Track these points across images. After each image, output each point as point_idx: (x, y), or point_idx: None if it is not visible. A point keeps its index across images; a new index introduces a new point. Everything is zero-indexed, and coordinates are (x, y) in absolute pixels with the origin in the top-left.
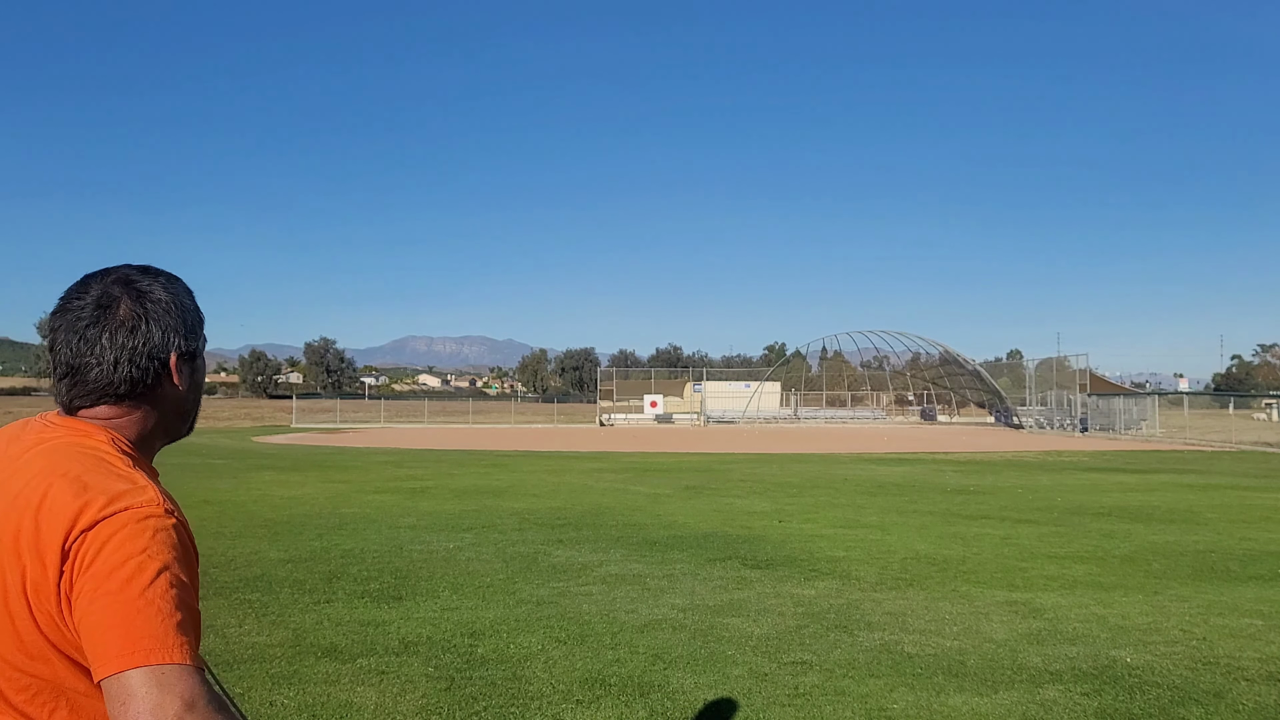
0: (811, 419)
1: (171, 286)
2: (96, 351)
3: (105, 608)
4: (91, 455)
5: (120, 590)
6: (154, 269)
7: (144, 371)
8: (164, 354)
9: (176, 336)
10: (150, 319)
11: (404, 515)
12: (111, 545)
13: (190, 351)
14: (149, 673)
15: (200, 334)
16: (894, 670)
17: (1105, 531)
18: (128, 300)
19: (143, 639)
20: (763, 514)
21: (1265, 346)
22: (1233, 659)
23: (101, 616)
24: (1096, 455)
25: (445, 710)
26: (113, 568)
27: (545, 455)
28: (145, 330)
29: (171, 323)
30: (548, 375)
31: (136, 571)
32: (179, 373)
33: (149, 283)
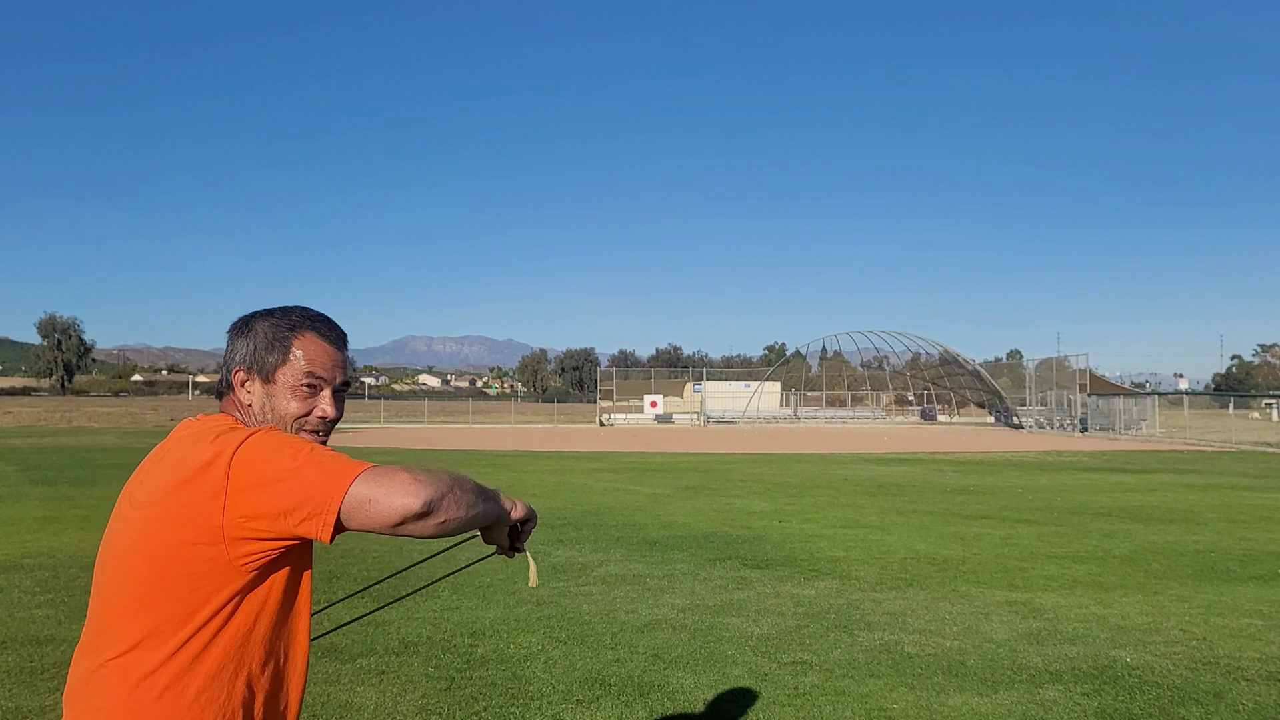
0: (811, 419)
1: (276, 316)
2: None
3: (292, 482)
4: (223, 426)
5: (290, 467)
6: (294, 307)
7: (224, 378)
8: (231, 366)
9: (246, 355)
10: (239, 336)
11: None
12: (258, 454)
13: (258, 371)
14: (361, 480)
15: (263, 357)
16: (894, 670)
17: (1105, 531)
18: (247, 323)
19: (335, 472)
20: (763, 514)
21: (1265, 346)
22: (1233, 659)
23: (293, 486)
24: (1096, 455)
25: (445, 710)
26: (269, 463)
27: (545, 455)
28: (233, 346)
29: (248, 343)
30: (548, 375)
31: (290, 452)
32: (243, 386)
33: (273, 314)
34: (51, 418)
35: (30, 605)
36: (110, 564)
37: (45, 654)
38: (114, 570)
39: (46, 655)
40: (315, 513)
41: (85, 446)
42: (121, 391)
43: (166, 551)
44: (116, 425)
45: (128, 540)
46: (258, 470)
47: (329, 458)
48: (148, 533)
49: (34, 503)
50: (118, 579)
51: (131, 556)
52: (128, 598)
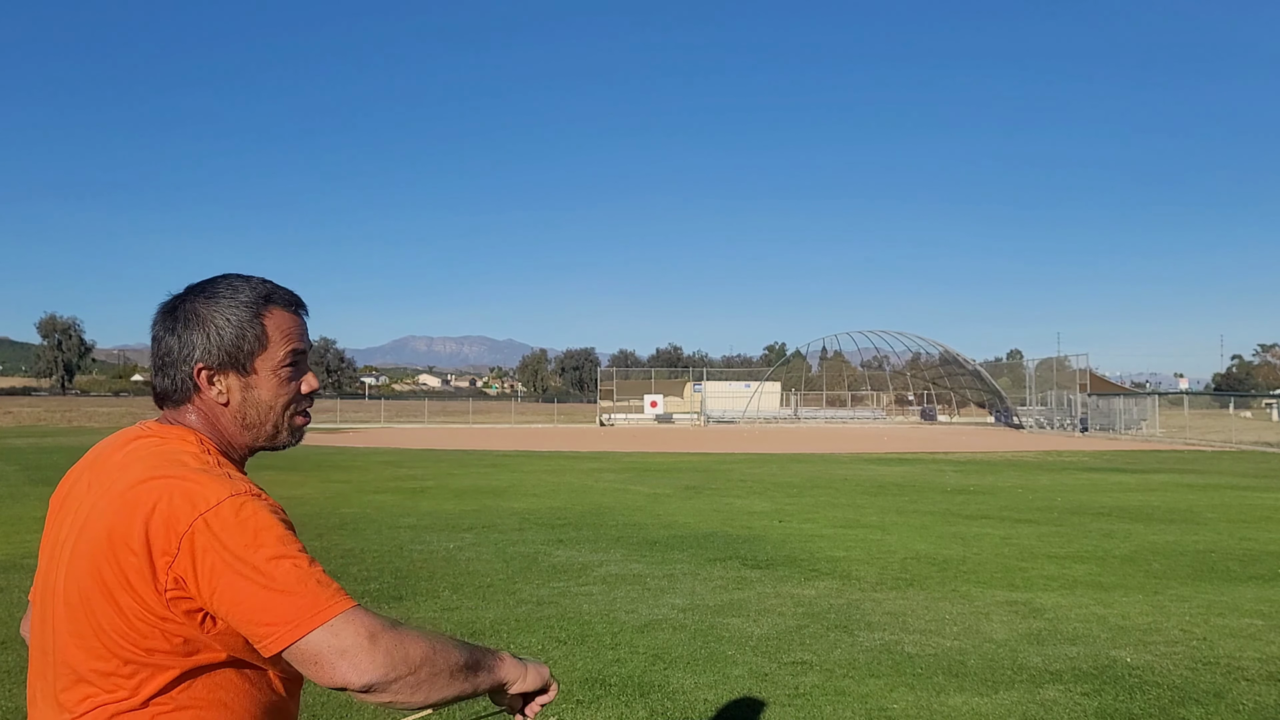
0: (811, 419)
1: (220, 292)
2: (154, 357)
3: (251, 588)
4: (176, 459)
5: (260, 568)
6: (218, 279)
7: (177, 380)
8: (187, 364)
9: (211, 345)
10: (185, 326)
11: (404, 515)
12: (228, 532)
13: (225, 362)
14: (323, 630)
15: (234, 348)
16: (894, 670)
17: (1105, 531)
18: (183, 307)
19: (303, 604)
20: (763, 514)
21: (1265, 346)
22: (1233, 659)
23: (253, 597)
24: (1096, 455)
25: (445, 710)
26: (239, 553)
27: (545, 455)
28: (178, 337)
29: (209, 331)
30: (548, 375)
31: (266, 546)
32: (209, 384)
33: (208, 291)
34: (52, 418)
35: None
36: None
37: None
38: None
39: None
40: (259, 638)
41: (85, 446)
42: (122, 391)
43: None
44: (117, 425)
45: None
46: (222, 563)
47: (295, 578)
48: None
49: (34, 503)
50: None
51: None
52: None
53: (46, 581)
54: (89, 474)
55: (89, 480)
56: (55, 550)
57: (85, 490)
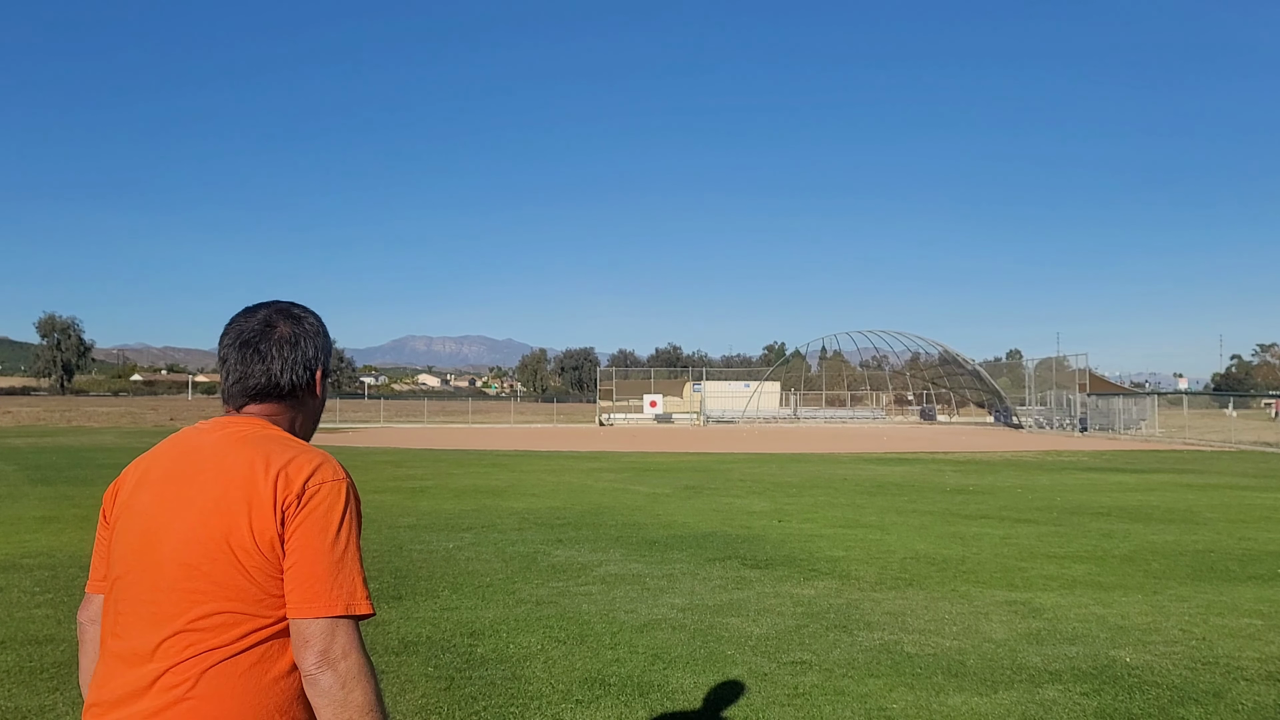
0: (811, 419)
1: (316, 317)
2: (266, 360)
3: (313, 559)
4: (280, 438)
5: (329, 548)
6: (302, 304)
7: (300, 378)
8: (314, 367)
9: (323, 354)
10: (306, 337)
11: (403, 515)
12: (322, 507)
13: (328, 369)
14: (328, 623)
15: (331, 358)
16: (894, 670)
17: (1105, 531)
18: (289, 322)
19: (332, 595)
20: (762, 514)
21: (1265, 346)
22: (1232, 659)
23: (310, 566)
24: (1096, 455)
25: (445, 710)
26: (321, 528)
27: (545, 455)
28: (303, 346)
29: (320, 343)
30: (547, 375)
31: (338, 533)
32: (320, 385)
33: (302, 312)
34: (51, 417)
35: (30, 605)
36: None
37: (45, 654)
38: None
39: (46, 655)
40: (293, 599)
41: (85, 446)
42: (121, 391)
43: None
44: (116, 425)
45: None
46: (312, 520)
47: (349, 568)
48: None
49: (34, 502)
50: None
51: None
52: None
53: (144, 557)
54: (179, 457)
55: (185, 459)
56: (150, 524)
57: (186, 468)
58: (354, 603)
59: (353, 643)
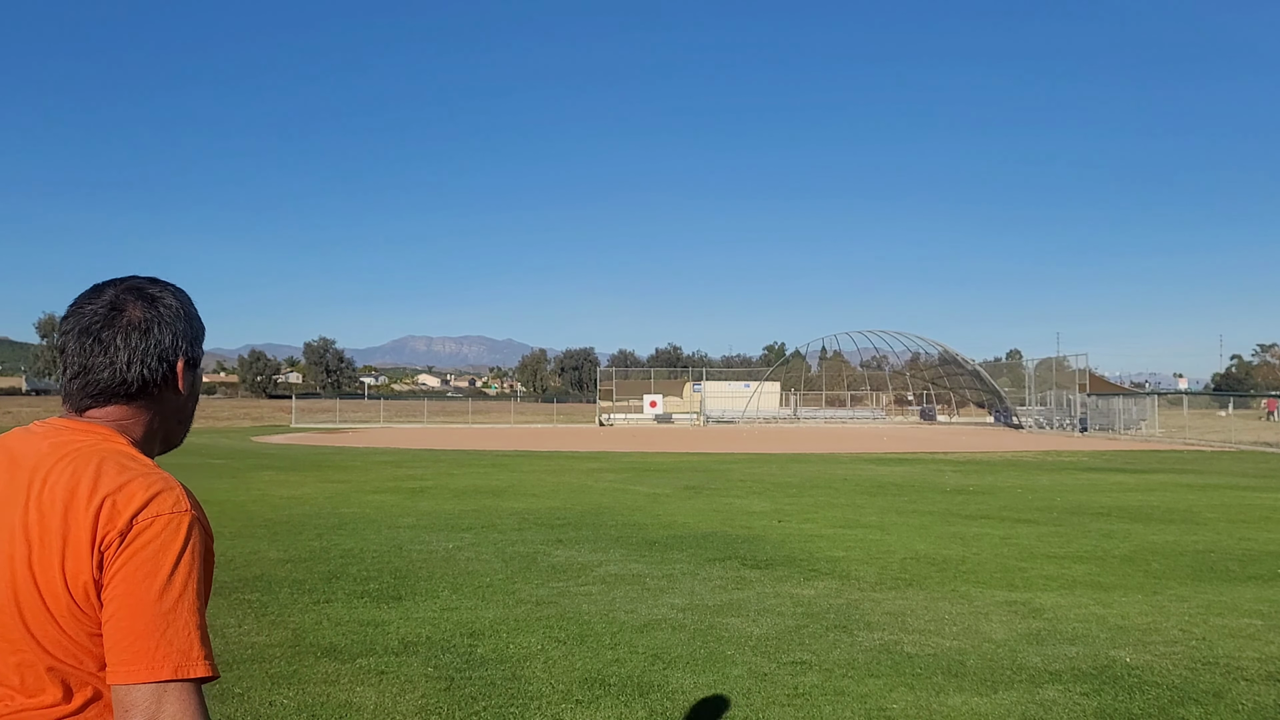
0: (811, 419)
1: (180, 295)
2: (110, 352)
3: (136, 611)
4: (117, 454)
5: (158, 596)
6: (163, 280)
7: (154, 373)
8: (173, 357)
9: (184, 342)
10: (161, 323)
11: (403, 515)
12: (153, 546)
13: (194, 359)
14: (156, 688)
15: (202, 344)
16: (893, 670)
17: (1105, 531)
18: (140, 305)
19: (162, 653)
20: (762, 514)
21: (1265, 346)
22: (1232, 659)
23: (131, 620)
24: (1096, 455)
25: (445, 710)
26: (149, 572)
27: (545, 455)
28: (157, 333)
29: (181, 329)
30: (547, 375)
31: (171, 577)
32: (183, 378)
33: (160, 290)
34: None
35: None
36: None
37: None
38: None
39: None
40: (117, 666)
41: None
42: None
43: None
44: None
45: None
46: (135, 564)
47: (185, 632)
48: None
49: None
50: None
51: None
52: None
53: None
54: (10, 473)
55: (14, 480)
56: None
57: (3, 485)
58: (186, 663)
59: (186, 712)
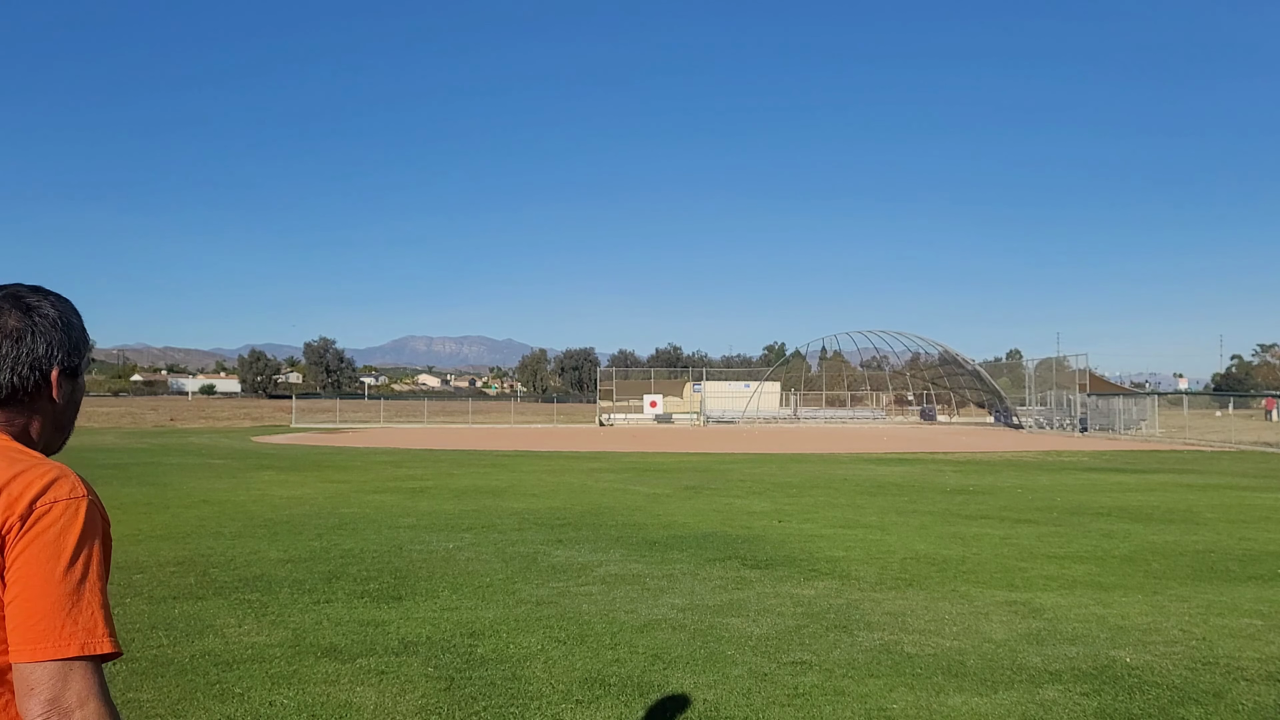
0: (811, 419)
1: (60, 305)
2: None
3: (40, 591)
4: (8, 449)
5: (60, 577)
6: (45, 289)
7: (24, 380)
8: (46, 366)
9: (60, 351)
10: (36, 332)
11: (403, 515)
12: (53, 529)
13: (72, 368)
14: (60, 666)
15: (84, 354)
16: (894, 670)
17: (1105, 531)
18: (15, 313)
19: (66, 631)
20: (762, 514)
21: (1265, 346)
22: (1232, 659)
23: (34, 599)
24: (1096, 455)
25: (445, 710)
26: (51, 554)
27: (545, 455)
28: (29, 342)
29: (56, 338)
30: (547, 375)
31: (74, 559)
32: (59, 386)
33: (38, 299)
34: None
35: None
36: None
37: None
38: None
39: None
40: (21, 644)
41: (85, 446)
42: (121, 391)
43: None
44: (116, 425)
45: None
46: (36, 548)
47: (89, 611)
48: None
49: None
50: None
51: None
52: None
53: None
54: None
55: None
56: None
57: None
58: (92, 640)
59: (91, 689)
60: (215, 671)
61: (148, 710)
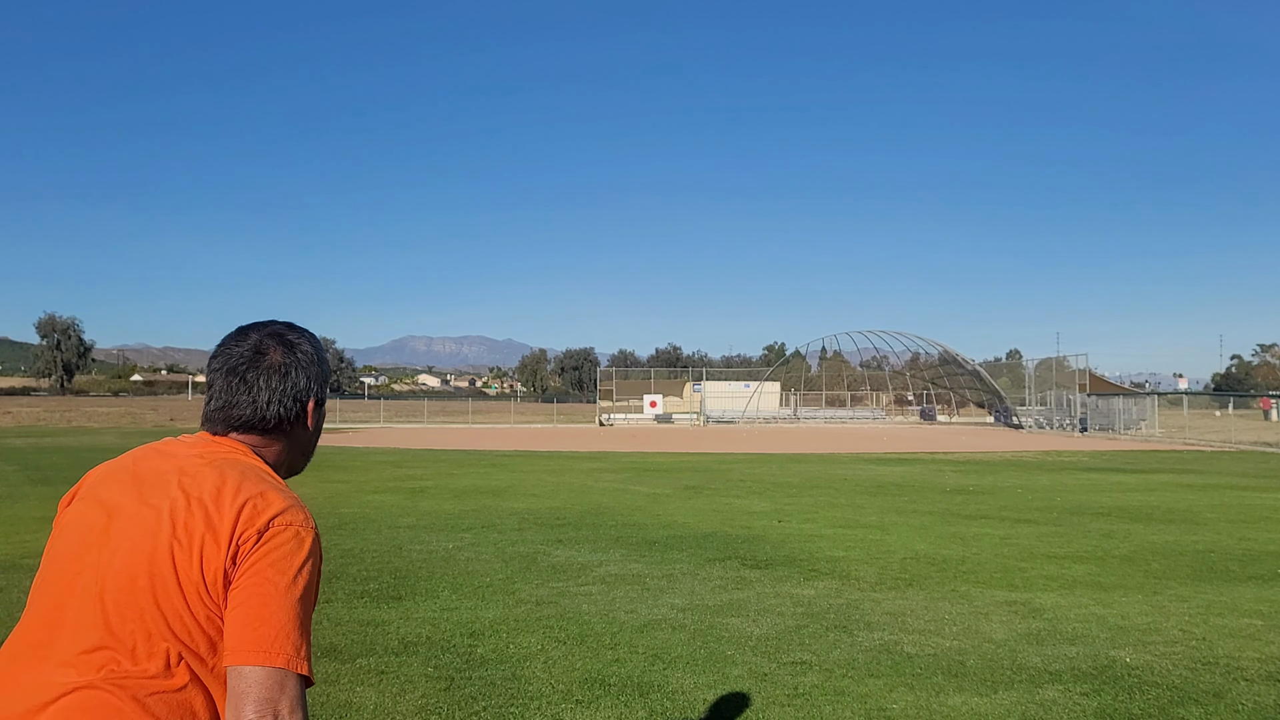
0: (811, 419)
1: (314, 342)
2: (253, 391)
3: (265, 602)
4: (257, 469)
5: (283, 593)
6: (300, 326)
7: (289, 411)
8: (305, 398)
9: (316, 384)
10: (298, 367)
11: (403, 515)
12: (285, 548)
13: (322, 399)
14: (278, 673)
15: (328, 385)
16: (893, 670)
17: (1105, 531)
18: (281, 350)
19: (285, 643)
20: (762, 514)
21: (1265, 346)
22: (1232, 659)
23: (259, 608)
24: (1096, 455)
25: (445, 710)
26: (280, 570)
27: (545, 455)
28: (294, 376)
29: (314, 373)
30: (547, 375)
31: (295, 579)
32: (313, 416)
33: (298, 337)
34: (51, 418)
35: None
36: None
37: None
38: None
39: None
40: (232, 644)
41: (85, 446)
42: (121, 391)
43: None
44: (116, 425)
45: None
46: (267, 562)
47: (298, 624)
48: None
49: (34, 503)
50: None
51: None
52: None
53: (82, 557)
54: (150, 460)
55: (155, 466)
56: (101, 521)
57: (153, 474)
58: (296, 659)
59: (299, 701)
60: None
61: None
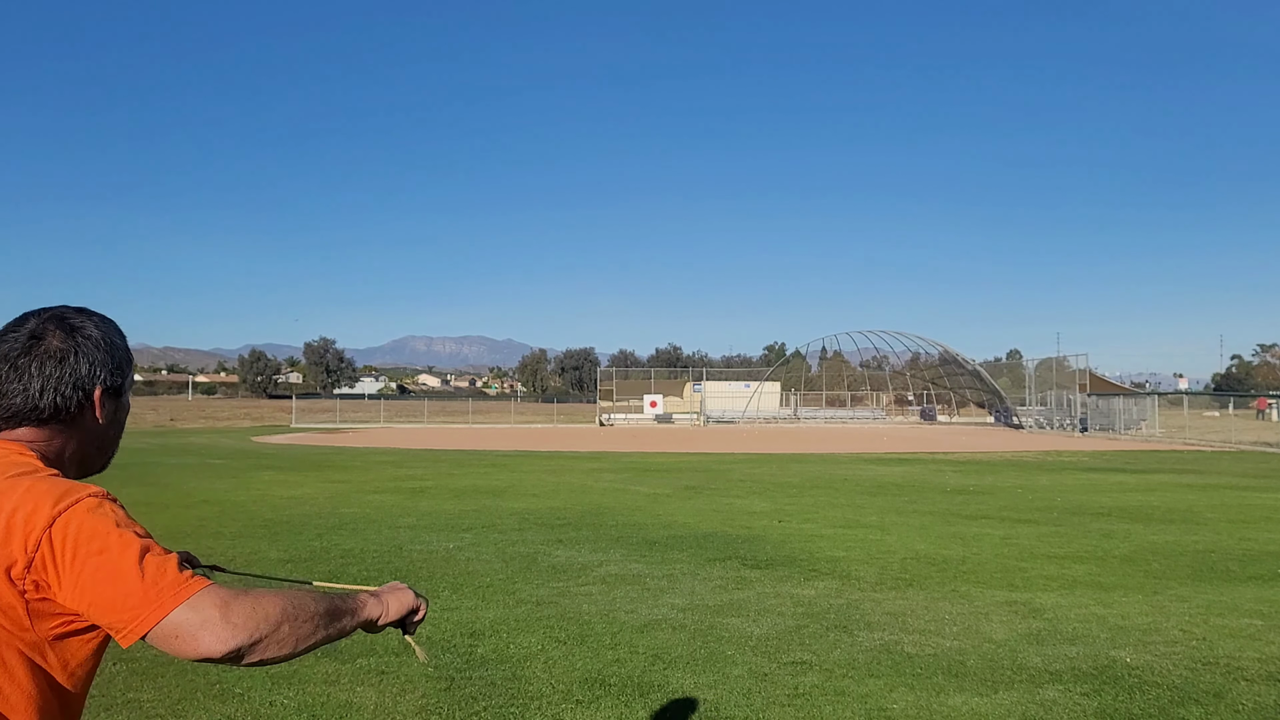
0: (811, 419)
1: (104, 325)
2: (25, 379)
3: (116, 575)
4: (32, 470)
5: (119, 555)
6: (89, 310)
7: (67, 400)
8: (89, 386)
9: (103, 371)
10: (79, 352)
11: (404, 515)
12: (85, 535)
13: (115, 387)
14: (184, 607)
15: (128, 373)
16: (894, 670)
17: (1105, 531)
18: (59, 334)
19: (159, 588)
20: (762, 514)
21: (1265, 346)
22: (1232, 659)
23: (110, 587)
24: (1096, 455)
25: (445, 710)
26: (96, 549)
27: (545, 455)
28: (73, 362)
29: (99, 358)
30: (547, 375)
31: (117, 542)
32: (101, 406)
33: (82, 320)
34: None
35: None
36: None
37: None
38: None
39: None
40: (122, 625)
41: None
42: None
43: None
44: None
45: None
46: (81, 558)
47: (154, 567)
48: None
49: None
50: None
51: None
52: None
53: None
54: None
55: None
56: None
57: None
58: (182, 587)
59: (220, 595)
60: (215, 671)
61: (148, 710)
